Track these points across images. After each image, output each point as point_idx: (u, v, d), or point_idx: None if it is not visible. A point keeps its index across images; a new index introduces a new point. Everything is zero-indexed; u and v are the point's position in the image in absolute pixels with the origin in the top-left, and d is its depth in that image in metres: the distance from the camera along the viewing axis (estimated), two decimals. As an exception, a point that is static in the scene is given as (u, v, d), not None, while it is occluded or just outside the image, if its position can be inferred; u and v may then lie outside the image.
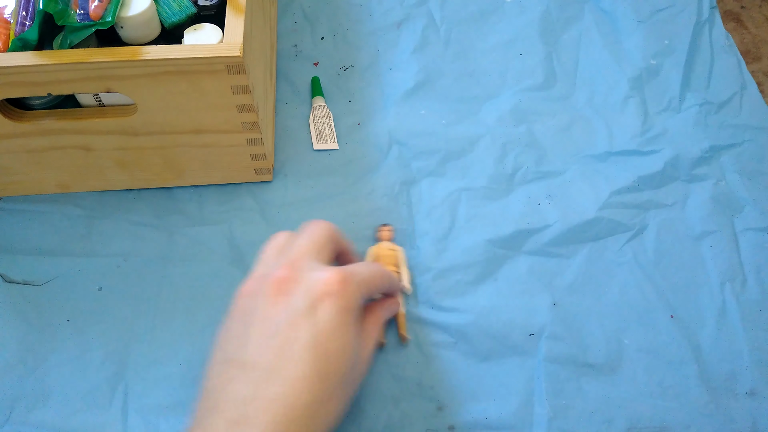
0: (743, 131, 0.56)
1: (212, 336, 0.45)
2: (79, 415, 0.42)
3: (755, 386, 0.44)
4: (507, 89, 0.59)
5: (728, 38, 0.63)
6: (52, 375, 0.44)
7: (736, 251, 0.50)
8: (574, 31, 0.63)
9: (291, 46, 0.62)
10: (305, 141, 0.55)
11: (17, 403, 0.43)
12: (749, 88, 0.59)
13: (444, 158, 0.55)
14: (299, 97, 0.58)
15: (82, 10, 0.40)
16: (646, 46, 0.62)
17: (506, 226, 0.51)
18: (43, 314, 0.46)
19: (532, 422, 0.43)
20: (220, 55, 0.40)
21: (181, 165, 0.49)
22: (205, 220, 0.51)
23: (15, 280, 0.47)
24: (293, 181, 0.53)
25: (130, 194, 0.52)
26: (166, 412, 0.43)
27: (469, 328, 0.46)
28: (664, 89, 0.59)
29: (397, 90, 0.59)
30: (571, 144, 0.56)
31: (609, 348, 0.45)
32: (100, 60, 0.39)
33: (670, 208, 0.52)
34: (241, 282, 0.38)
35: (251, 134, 0.47)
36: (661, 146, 0.55)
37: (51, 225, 0.50)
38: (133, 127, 0.45)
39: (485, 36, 0.63)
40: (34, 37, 0.40)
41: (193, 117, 0.45)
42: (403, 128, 0.56)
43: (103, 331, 0.46)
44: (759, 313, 0.47)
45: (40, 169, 0.49)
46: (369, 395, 0.43)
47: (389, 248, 0.48)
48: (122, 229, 0.50)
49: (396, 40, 0.63)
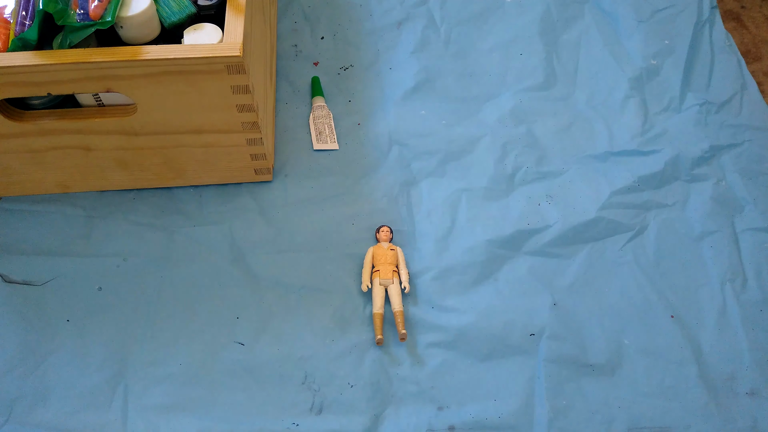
0: (743, 131, 0.56)
1: (212, 336, 0.46)
2: (79, 415, 0.42)
3: (755, 386, 0.44)
4: (507, 89, 0.59)
5: (728, 38, 0.63)
6: (52, 375, 0.44)
7: (737, 251, 0.50)
8: (574, 31, 0.63)
9: (291, 46, 0.62)
10: (305, 141, 0.55)
11: (17, 403, 0.43)
12: (749, 88, 0.59)
13: (444, 159, 0.55)
14: (299, 97, 0.58)
15: (82, 10, 0.40)
16: (646, 46, 0.61)
17: (506, 226, 0.51)
18: (43, 314, 0.46)
19: (533, 422, 0.43)
20: (220, 55, 0.40)
21: (181, 165, 0.49)
22: (205, 220, 0.51)
23: (15, 280, 0.47)
24: (293, 181, 0.53)
25: (130, 194, 0.52)
26: (166, 412, 0.43)
27: (469, 328, 0.46)
28: (664, 89, 0.59)
29: (397, 90, 0.59)
30: (571, 144, 0.56)
31: (609, 348, 0.45)
32: (100, 60, 0.39)
33: (670, 208, 0.52)
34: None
35: (251, 134, 0.47)
36: (661, 146, 0.55)
37: (51, 225, 0.50)
38: (133, 127, 0.45)
39: (485, 36, 0.63)
40: (34, 37, 0.40)
41: (193, 117, 0.45)
42: (403, 128, 0.56)
43: (103, 331, 0.46)
44: (759, 313, 0.47)
45: (40, 169, 0.48)
46: (369, 395, 0.43)
47: (388, 248, 0.48)
48: (122, 229, 0.50)
49: (396, 40, 0.63)
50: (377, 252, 0.48)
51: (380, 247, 0.48)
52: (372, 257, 0.48)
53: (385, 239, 0.49)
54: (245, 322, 0.46)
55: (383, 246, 0.48)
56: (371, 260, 0.48)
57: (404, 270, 0.48)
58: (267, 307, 0.47)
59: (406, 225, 0.51)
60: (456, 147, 0.55)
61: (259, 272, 0.48)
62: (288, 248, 0.49)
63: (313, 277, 0.48)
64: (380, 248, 0.48)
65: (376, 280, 0.47)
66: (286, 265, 0.49)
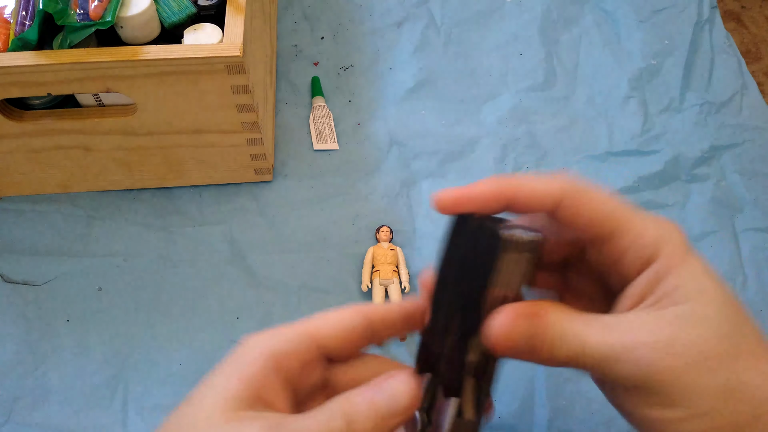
0: (743, 131, 0.56)
1: (212, 336, 0.46)
2: (79, 415, 0.42)
3: (755, 386, 0.44)
4: (507, 89, 0.59)
5: (728, 38, 0.63)
6: (52, 375, 0.44)
7: (737, 251, 0.50)
8: (574, 31, 0.63)
9: (291, 46, 0.62)
10: (305, 141, 0.55)
11: (17, 403, 0.43)
12: (749, 88, 0.59)
13: (444, 159, 0.55)
14: (299, 97, 0.58)
15: (82, 10, 0.40)
16: (646, 46, 0.61)
17: (506, 226, 0.51)
18: (43, 314, 0.46)
19: (533, 422, 0.43)
20: (220, 55, 0.40)
21: (181, 165, 0.49)
22: (205, 220, 0.51)
23: (15, 280, 0.47)
24: (293, 181, 0.53)
25: (130, 194, 0.52)
26: (166, 412, 0.42)
27: (469, 328, 0.46)
28: (665, 89, 0.59)
29: (397, 90, 0.59)
30: (571, 144, 0.56)
31: (609, 348, 0.45)
32: (100, 60, 0.39)
33: (670, 209, 0.52)
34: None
35: (251, 134, 0.47)
36: (661, 146, 0.55)
37: (51, 225, 0.50)
38: (133, 127, 0.45)
39: (485, 36, 0.63)
40: (34, 37, 0.40)
41: (193, 117, 0.45)
42: (403, 128, 0.56)
43: (103, 331, 0.46)
44: (759, 314, 0.47)
45: (40, 169, 0.48)
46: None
47: (388, 248, 0.48)
48: (122, 229, 0.50)
49: (396, 40, 0.63)
50: (377, 252, 0.48)
51: (380, 247, 0.48)
52: (372, 257, 0.48)
53: (385, 239, 0.49)
54: (245, 322, 0.46)
55: (383, 246, 0.48)
56: (371, 260, 0.48)
57: (404, 270, 0.48)
58: (267, 307, 0.47)
59: (406, 225, 0.51)
60: (456, 147, 0.55)
61: (259, 272, 0.48)
62: (288, 248, 0.49)
63: (313, 277, 0.48)
64: (380, 248, 0.48)
65: (376, 280, 0.47)
66: (286, 265, 0.49)
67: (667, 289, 0.26)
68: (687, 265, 0.26)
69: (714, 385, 0.24)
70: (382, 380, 0.26)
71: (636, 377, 0.24)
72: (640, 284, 0.27)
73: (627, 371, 0.25)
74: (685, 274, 0.26)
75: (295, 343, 0.26)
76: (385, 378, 0.26)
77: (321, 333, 0.27)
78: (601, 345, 0.25)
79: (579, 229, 0.28)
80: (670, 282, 0.26)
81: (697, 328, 0.24)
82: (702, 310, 0.25)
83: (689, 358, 0.24)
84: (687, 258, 0.26)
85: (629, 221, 0.27)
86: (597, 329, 0.25)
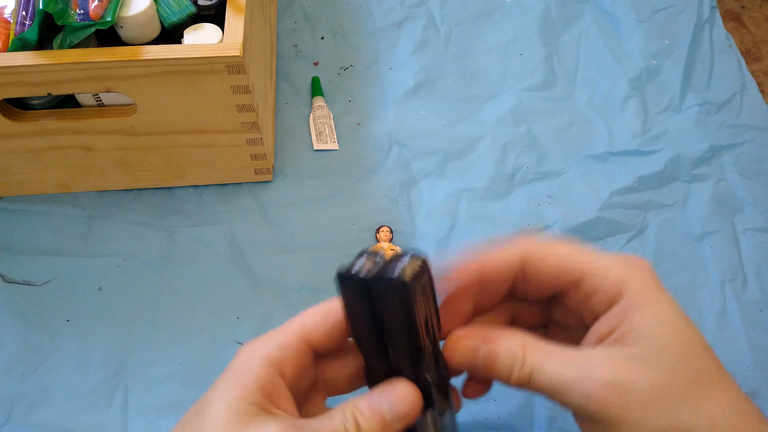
0: (743, 131, 0.56)
1: (212, 336, 0.46)
2: (79, 415, 0.42)
3: (755, 386, 0.44)
4: (507, 89, 0.59)
5: (728, 38, 0.63)
6: (52, 375, 0.44)
7: (737, 251, 0.50)
8: (574, 31, 0.63)
9: (291, 46, 0.62)
10: (305, 141, 0.55)
11: (17, 403, 0.43)
12: (749, 88, 0.59)
13: (444, 159, 0.55)
14: (299, 97, 0.58)
15: (82, 10, 0.40)
16: (646, 46, 0.61)
17: (506, 226, 0.51)
18: (43, 314, 0.46)
19: (533, 422, 0.42)
20: (220, 55, 0.40)
21: (181, 165, 0.49)
22: (205, 220, 0.51)
23: (15, 280, 0.47)
24: (293, 181, 0.53)
25: (130, 194, 0.52)
26: (166, 412, 0.43)
27: (469, 328, 0.46)
28: (664, 89, 0.59)
29: (397, 90, 0.59)
30: (571, 144, 0.56)
31: (609, 348, 0.45)
32: (100, 60, 0.39)
33: (670, 209, 0.52)
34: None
35: (251, 134, 0.47)
36: (661, 146, 0.55)
37: (51, 225, 0.50)
38: (133, 127, 0.45)
39: (485, 36, 0.63)
40: (33, 37, 0.40)
41: (193, 117, 0.45)
42: (403, 128, 0.56)
43: (103, 331, 0.46)
44: (759, 313, 0.47)
45: (40, 169, 0.48)
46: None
47: (388, 248, 0.48)
48: (122, 229, 0.50)
49: (396, 40, 0.63)
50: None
51: (380, 248, 0.48)
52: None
53: (385, 239, 0.49)
54: (245, 322, 0.46)
55: (383, 246, 0.48)
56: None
57: (404, 270, 0.48)
58: (267, 307, 0.47)
59: (406, 225, 0.51)
60: (456, 147, 0.55)
61: (259, 272, 0.48)
62: (288, 248, 0.49)
63: (313, 277, 0.48)
64: (380, 248, 0.48)
65: (376, 280, 0.47)
66: (286, 265, 0.49)
67: (626, 329, 0.27)
68: (648, 305, 0.27)
69: (658, 426, 0.25)
70: (386, 389, 0.28)
71: (586, 410, 0.26)
72: (604, 323, 0.28)
73: (577, 402, 0.26)
74: (646, 314, 0.27)
75: (292, 349, 0.28)
76: (389, 387, 0.28)
77: (309, 331, 0.28)
78: (555, 374, 0.27)
79: (547, 283, 0.29)
80: (629, 322, 0.27)
81: (646, 370, 0.25)
82: (655, 352, 0.26)
83: (635, 398, 0.25)
84: (650, 298, 0.27)
85: (592, 266, 0.28)
86: (555, 359, 0.27)
